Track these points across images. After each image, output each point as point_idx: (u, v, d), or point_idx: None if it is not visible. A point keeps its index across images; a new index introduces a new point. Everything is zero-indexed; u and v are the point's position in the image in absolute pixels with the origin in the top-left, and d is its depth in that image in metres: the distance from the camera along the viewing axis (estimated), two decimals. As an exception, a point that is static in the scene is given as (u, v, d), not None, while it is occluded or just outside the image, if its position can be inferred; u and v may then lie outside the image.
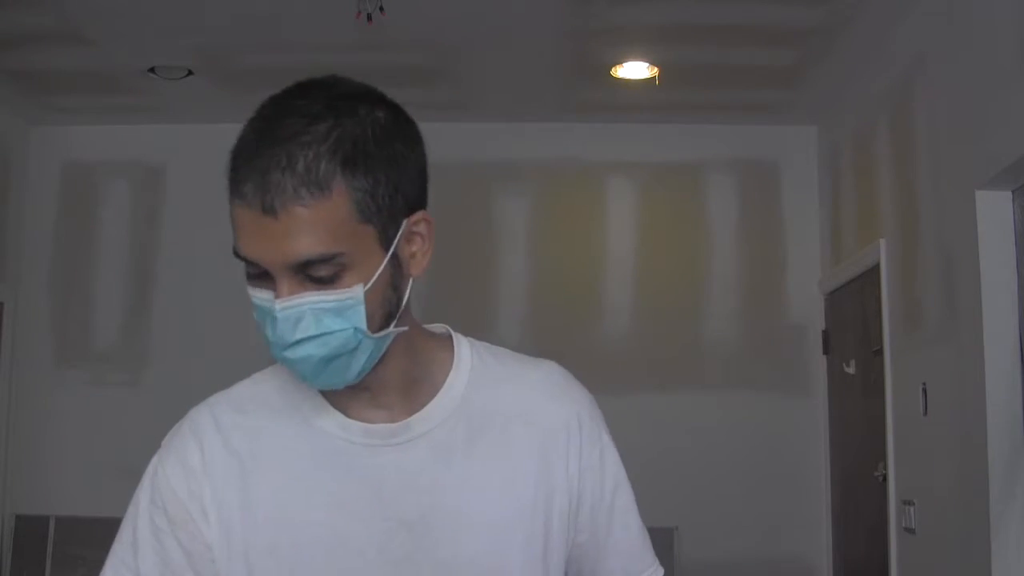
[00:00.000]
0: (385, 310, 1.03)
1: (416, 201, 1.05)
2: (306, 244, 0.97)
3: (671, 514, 4.65)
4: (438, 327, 1.19)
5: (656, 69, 4.43)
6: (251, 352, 1.21)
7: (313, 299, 0.99)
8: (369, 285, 1.00)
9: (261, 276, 1.00)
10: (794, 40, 4.10)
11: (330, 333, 0.99)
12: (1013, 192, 3.12)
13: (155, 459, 1.12)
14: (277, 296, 0.99)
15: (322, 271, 0.98)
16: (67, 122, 5.12)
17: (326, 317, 0.99)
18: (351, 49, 3.97)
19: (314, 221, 0.97)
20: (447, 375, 1.13)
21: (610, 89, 4.66)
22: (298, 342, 0.99)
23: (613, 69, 4.46)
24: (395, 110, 1.06)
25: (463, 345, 1.17)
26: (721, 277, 5.11)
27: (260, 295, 1.01)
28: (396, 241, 1.03)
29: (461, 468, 1.10)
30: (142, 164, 5.20)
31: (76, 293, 5.14)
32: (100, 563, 1.13)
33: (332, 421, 1.10)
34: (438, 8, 3.85)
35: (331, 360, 1.01)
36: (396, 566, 1.07)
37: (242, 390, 1.16)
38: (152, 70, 4.46)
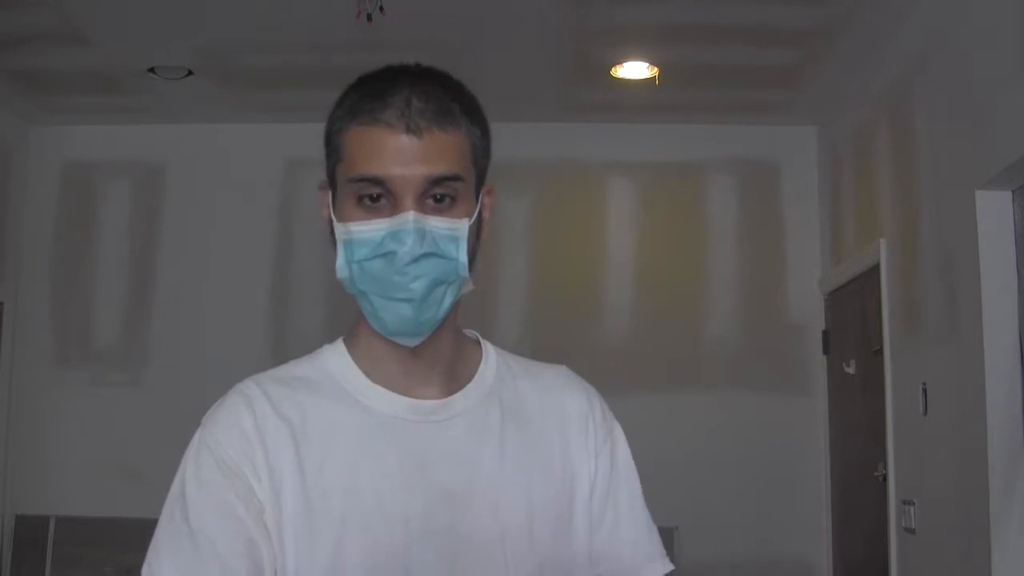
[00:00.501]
0: (469, 257, 1.13)
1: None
2: (441, 163, 1.10)
3: (671, 514, 4.64)
4: (467, 331, 1.28)
5: (656, 69, 4.43)
6: (251, 352, 1.22)
7: (434, 221, 1.10)
8: (472, 221, 1.13)
9: (373, 202, 1.10)
10: (794, 40, 4.10)
11: (444, 256, 1.10)
12: (1013, 192, 3.12)
13: (198, 434, 1.13)
14: (404, 211, 1.09)
15: (444, 190, 1.10)
16: (67, 122, 5.12)
17: (441, 240, 1.10)
18: (351, 49, 3.97)
19: (448, 145, 1.11)
20: (479, 365, 1.23)
21: (610, 89, 4.66)
22: (424, 256, 1.09)
23: (613, 69, 4.46)
24: None
25: (489, 345, 1.27)
26: (721, 277, 5.10)
27: (369, 226, 1.10)
28: (481, 197, 1.17)
29: (496, 447, 1.17)
30: (142, 164, 5.20)
31: (76, 293, 5.14)
32: (100, 563, 1.13)
33: (377, 397, 1.16)
34: (438, 8, 3.85)
35: (436, 286, 1.11)
36: (437, 536, 1.12)
37: (282, 371, 1.20)
38: (152, 70, 4.46)
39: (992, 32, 3.04)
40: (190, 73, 4.50)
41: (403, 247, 1.08)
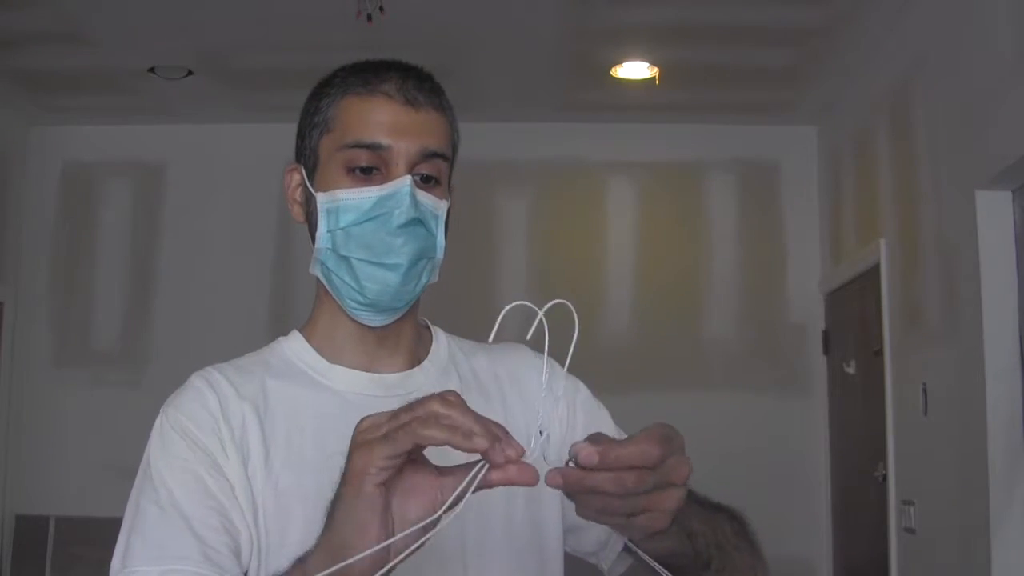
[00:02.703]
0: (442, 245, 1.15)
1: None
2: (435, 138, 1.12)
3: (671, 514, 4.64)
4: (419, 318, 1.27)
5: (656, 69, 4.43)
6: (251, 351, 1.22)
7: (422, 195, 1.11)
8: (449, 206, 1.15)
9: (364, 173, 1.10)
10: (794, 40, 4.10)
11: (428, 229, 1.12)
12: (1013, 192, 3.12)
13: (160, 419, 1.10)
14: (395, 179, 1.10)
15: (432, 169, 1.12)
16: (67, 122, 5.12)
17: (427, 214, 1.12)
18: (351, 49, 3.95)
19: (440, 124, 1.14)
20: (431, 346, 1.24)
21: (610, 89, 4.66)
22: (415, 221, 1.10)
23: (613, 69, 4.46)
24: None
25: (438, 328, 1.28)
26: (721, 277, 5.10)
27: (358, 192, 1.10)
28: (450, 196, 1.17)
29: None
30: (142, 164, 5.20)
31: (76, 293, 5.14)
32: (100, 563, 1.10)
33: (337, 377, 1.15)
34: (438, 8, 3.85)
35: (419, 259, 1.12)
36: None
37: (238, 361, 1.19)
38: (152, 70, 4.46)
39: (992, 32, 3.04)
40: (190, 73, 4.50)
41: (399, 208, 1.09)
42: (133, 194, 5.21)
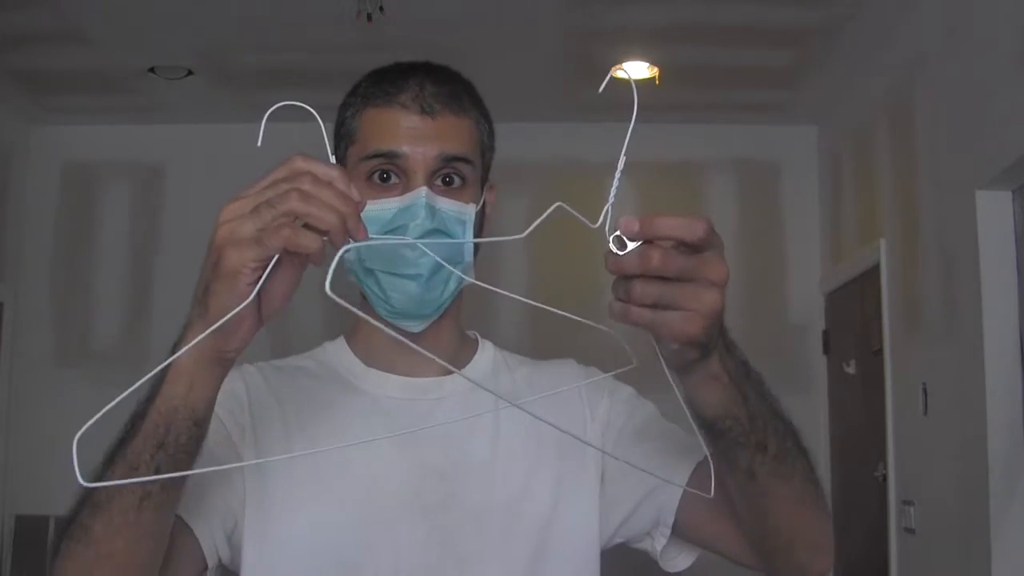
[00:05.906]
0: (471, 247, 1.17)
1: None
2: (454, 143, 1.14)
3: (671, 514, 4.64)
4: (470, 332, 1.30)
5: (656, 69, 4.43)
6: (251, 352, 1.22)
7: (443, 202, 1.12)
8: (477, 208, 1.16)
9: (384, 181, 1.12)
10: (794, 40, 4.10)
11: (451, 236, 1.13)
12: (1013, 192, 3.12)
13: None
14: (416, 188, 1.10)
15: (456, 172, 1.13)
16: (67, 122, 5.12)
17: (449, 222, 1.12)
18: (351, 49, 3.97)
19: (460, 128, 1.15)
20: (474, 355, 1.25)
21: (610, 89, 4.65)
22: (434, 232, 1.11)
23: (613, 69, 4.46)
24: None
25: (488, 342, 1.30)
26: (721, 277, 5.10)
27: (379, 204, 1.10)
28: (484, 193, 1.19)
29: (491, 425, 1.17)
30: (142, 164, 5.20)
31: (76, 293, 5.14)
32: None
33: (370, 379, 1.18)
34: (438, 8, 3.85)
35: (440, 267, 1.12)
36: (429, 510, 1.12)
37: (280, 361, 1.22)
38: (152, 70, 4.46)
39: (992, 32, 3.04)
40: (190, 73, 4.50)
41: (414, 221, 1.09)
42: (133, 194, 5.21)
